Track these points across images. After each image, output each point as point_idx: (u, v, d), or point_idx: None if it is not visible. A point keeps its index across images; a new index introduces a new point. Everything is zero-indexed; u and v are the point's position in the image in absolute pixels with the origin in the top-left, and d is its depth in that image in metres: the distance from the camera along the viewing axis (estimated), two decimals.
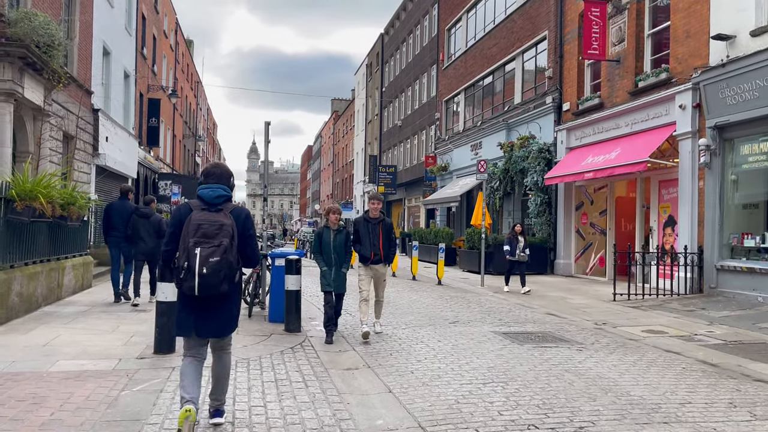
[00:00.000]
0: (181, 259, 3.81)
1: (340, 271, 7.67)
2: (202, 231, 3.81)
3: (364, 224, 7.97)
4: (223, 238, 3.81)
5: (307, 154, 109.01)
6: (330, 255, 7.64)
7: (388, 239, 7.95)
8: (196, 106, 51.43)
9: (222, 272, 3.78)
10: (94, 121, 19.11)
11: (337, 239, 7.69)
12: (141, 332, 7.52)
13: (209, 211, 3.92)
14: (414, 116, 34.16)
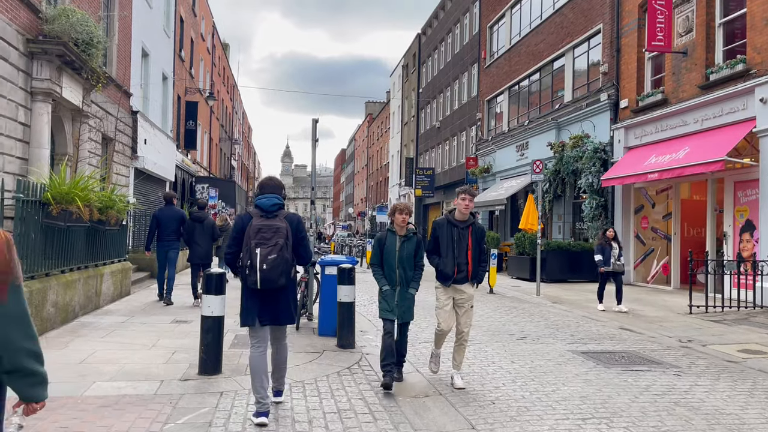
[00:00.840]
0: (245, 259, 4.51)
1: (406, 292, 5.63)
2: (261, 234, 4.47)
3: (447, 229, 5.72)
4: (278, 239, 4.47)
5: (340, 158, 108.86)
6: (393, 269, 5.60)
7: (479, 250, 5.73)
8: (232, 110, 51.47)
9: (279, 267, 4.45)
10: (132, 123, 18.80)
11: (405, 248, 5.63)
12: (183, 347, 6.88)
13: (266, 218, 4.57)
14: (453, 117, 33.27)
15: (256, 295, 4.57)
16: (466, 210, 5.69)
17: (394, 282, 5.65)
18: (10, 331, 1.93)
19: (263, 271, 4.40)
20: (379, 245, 5.75)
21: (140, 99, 20.06)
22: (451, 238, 5.68)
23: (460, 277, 5.67)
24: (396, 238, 5.70)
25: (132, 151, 18.74)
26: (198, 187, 32.79)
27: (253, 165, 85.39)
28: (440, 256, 5.75)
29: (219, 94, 41.65)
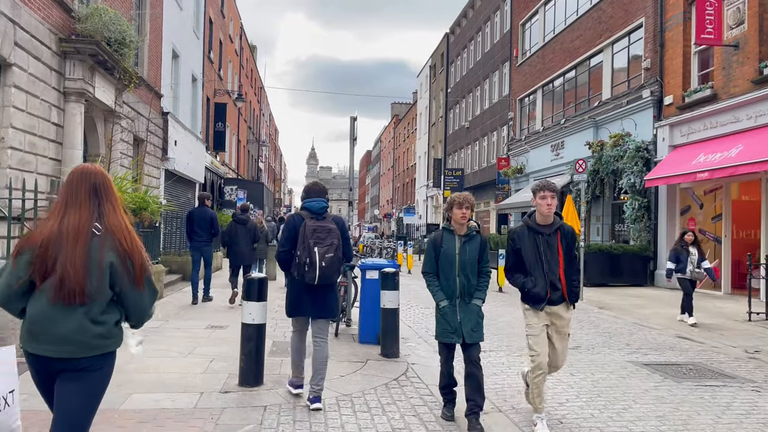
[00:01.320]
0: (302, 257, 4.75)
1: (471, 304, 4.54)
2: (317, 234, 4.80)
3: (530, 238, 4.55)
4: (333, 239, 4.82)
5: (365, 159, 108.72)
6: (452, 278, 4.51)
7: (569, 260, 4.58)
8: (260, 112, 51.57)
9: (335, 265, 4.82)
10: (163, 125, 18.71)
11: (467, 251, 4.53)
12: (220, 356, 6.56)
13: (317, 220, 4.90)
14: (483, 117, 32.69)
15: (306, 289, 4.87)
16: (549, 210, 4.50)
17: (454, 294, 4.53)
18: (146, 307, 2.67)
19: (322, 268, 4.74)
20: (434, 248, 4.65)
21: (170, 100, 19.97)
22: (536, 249, 4.52)
23: (555, 297, 4.49)
24: (454, 238, 4.58)
25: (163, 153, 18.64)
26: (227, 189, 32.79)
27: (279, 167, 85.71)
28: (526, 273, 4.56)
29: (247, 96, 41.70)
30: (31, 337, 2.48)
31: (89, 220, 2.54)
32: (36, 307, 2.47)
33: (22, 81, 9.31)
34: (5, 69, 8.99)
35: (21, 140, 9.37)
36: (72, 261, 2.45)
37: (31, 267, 2.46)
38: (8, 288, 2.47)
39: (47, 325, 2.45)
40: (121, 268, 2.54)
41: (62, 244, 2.47)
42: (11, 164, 9.05)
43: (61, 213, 2.55)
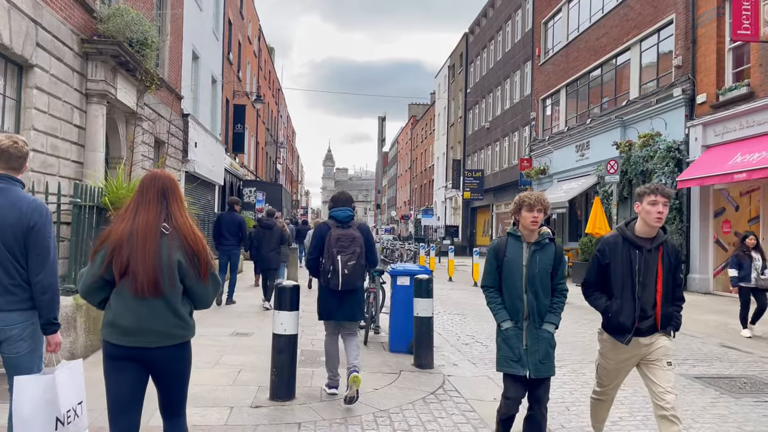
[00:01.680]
0: (327, 264, 5.00)
1: (541, 329, 3.72)
2: (340, 243, 5.02)
3: (624, 251, 3.68)
4: (356, 247, 5.04)
5: (382, 161, 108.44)
6: (519, 295, 3.73)
7: (672, 284, 3.71)
8: (277, 114, 51.56)
9: (357, 272, 5.04)
10: (184, 126, 18.59)
11: (538, 262, 3.72)
12: (248, 366, 6.30)
13: (342, 228, 5.13)
14: (504, 117, 32.24)
15: (334, 294, 5.11)
16: (658, 221, 3.60)
17: (519, 314, 3.74)
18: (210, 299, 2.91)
19: (345, 275, 4.97)
20: (496, 258, 3.84)
21: (190, 102, 19.86)
22: (629, 266, 3.64)
23: (644, 327, 3.63)
24: (522, 246, 3.77)
25: (183, 155, 18.53)
26: (246, 191, 32.70)
27: (296, 168, 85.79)
28: (610, 294, 3.71)
29: (265, 98, 41.65)
30: (118, 330, 2.71)
31: (157, 220, 2.75)
32: (119, 302, 2.71)
33: (44, 82, 9.17)
34: (27, 70, 8.84)
35: (43, 142, 9.22)
36: (143, 258, 2.68)
37: (106, 264, 2.69)
38: (87, 283, 2.75)
39: (131, 317, 2.69)
40: (188, 264, 2.77)
41: (133, 242, 2.69)
42: (33, 167, 8.89)
43: (132, 214, 2.78)
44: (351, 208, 5.30)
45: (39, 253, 3.01)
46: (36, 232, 3.01)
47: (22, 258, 3.00)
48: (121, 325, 2.72)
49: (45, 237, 3.04)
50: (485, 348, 7.95)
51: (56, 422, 3.00)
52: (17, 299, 2.99)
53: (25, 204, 3.02)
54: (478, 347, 8.03)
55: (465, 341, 8.43)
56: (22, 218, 2.98)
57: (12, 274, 2.98)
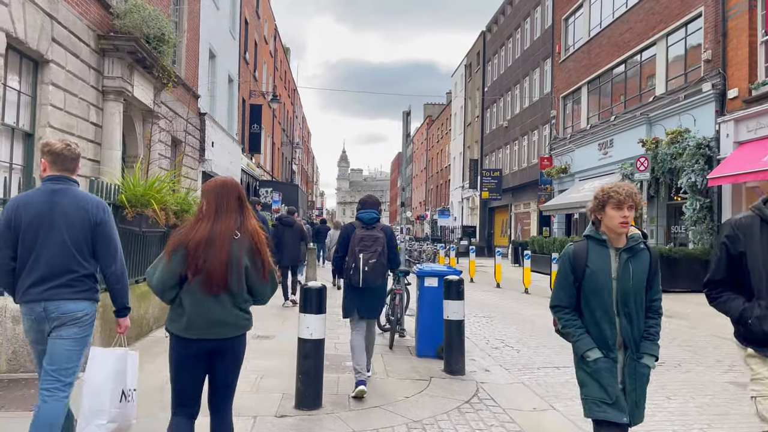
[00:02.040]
0: (350, 262, 5.30)
1: (639, 363, 2.95)
2: (363, 242, 5.31)
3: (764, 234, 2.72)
4: (377, 247, 5.31)
5: (397, 161, 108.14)
6: (609, 316, 2.95)
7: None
8: (293, 114, 51.45)
9: (377, 270, 5.28)
10: (201, 126, 18.41)
11: (632, 274, 2.96)
12: (270, 371, 5.99)
13: (367, 229, 5.42)
14: (523, 115, 31.76)
15: (356, 292, 5.40)
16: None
17: (609, 341, 2.94)
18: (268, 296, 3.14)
19: (365, 272, 5.25)
20: (572, 268, 3.02)
21: (207, 101, 19.68)
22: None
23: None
24: (609, 253, 2.99)
25: (200, 154, 18.35)
26: (262, 191, 32.52)
27: (311, 169, 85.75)
28: (747, 292, 2.76)
29: (281, 98, 41.52)
30: (190, 325, 2.90)
31: (234, 226, 2.95)
32: (192, 299, 2.90)
33: (60, 78, 8.96)
34: (42, 66, 8.64)
35: None
36: (219, 260, 2.89)
37: (184, 263, 2.88)
38: (163, 280, 2.91)
39: (204, 312, 2.90)
40: (252, 266, 3.00)
41: (211, 246, 2.89)
42: None
43: (212, 219, 2.95)
44: (377, 211, 5.62)
45: (108, 247, 3.28)
46: (103, 227, 3.26)
47: (88, 253, 3.24)
48: (193, 320, 2.92)
49: (111, 231, 3.32)
50: (516, 353, 7.58)
51: (122, 394, 3.30)
52: (77, 290, 3.20)
53: (89, 202, 3.26)
54: (508, 352, 7.66)
55: (494, 345, 8.07)
56: (88, 216, 3.21)
57: (75, 269, 3.19)
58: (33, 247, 3.16)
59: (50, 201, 3.18)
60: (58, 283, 3.16)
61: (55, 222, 3.16)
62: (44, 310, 3.14)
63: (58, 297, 3.15)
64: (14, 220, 3.16)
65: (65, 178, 3.25)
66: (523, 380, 6.16)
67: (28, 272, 3.16)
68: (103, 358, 3.34)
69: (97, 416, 3.23)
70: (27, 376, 5.46)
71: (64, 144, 3.29)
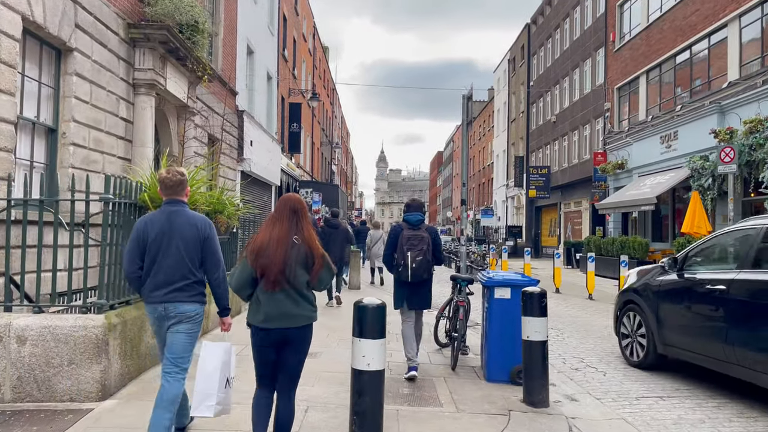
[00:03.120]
0: (399, 259, 5.94)
1: None
2: (411, 242, 5.94)
3: None
4: (423, 246, 5.93)
5: (436, 161, 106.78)
6: None
7: None
8: (332, 114, 50.83)
9: (423, 266, 5.91)
10: (239, 123, 17.72)
11: None
12: (317, 401, 5.04)
13: (413, 230, 6.04)
14: (573, 109, 30.19)
15: (405, 286, 5.98)
16: None
17: None
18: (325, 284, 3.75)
19: (413, 268, 5.82)
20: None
21: (245, 98, 19.00)
22: None
23: None
24: None
25: (238, 153, 17.64)
26: (302, 192, 31.87)
27: (351, 170, 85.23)
28: None
29: (320, 97, 40.86)
30: (265, 317, 3.54)
31: (289, 232, 3.58)
32: (264, 296, 3.55)
33: (85, 69, 8.23)
34: (66, 54, 7.92)
35: (85, 136, 8.29)
36: (275, 261, 3.50)
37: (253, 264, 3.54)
38: (239, 281, 3.59)
39: (275, 306, 3.54)
40: (308, 266, 3.61)
41: (269, 249, 3.53)
42: (74, 163, 7.98)
43: (271, 226, 3.62)
44: (422, 213, 6.21)
45: (213, 258, 3.83)
46: (209, 241, 3.83)
47: (198, 263, 3.80)
48: (265, 313, 3.51)
49: (215, 244, 3.87)
50: (602, 375, 6.43)
51: (226, 381, 3.79)
52: (189, 294, 3.76)
53: (198, 221, 3.85)
54: (592, 374, 6.52)
55: (573, 365, 6.94)
56: (198, 232, 3.80)
57: (188, 276, 3.75)
58: (155, 258, 3.75)
59: (168, 220, 3.78)
60: (175, 287, 3.73)
61: (173, 238, 3.75)
62: (165, 310, 3.74)
63: (175, 300, 3.72)
64: (142, 236, 3.78)
65: (177, 201, 3.87)
66: (624, 415, 5.04)
67: (151, 278, 3.75)
68: (214, 350, 3.81)
69: (207, 399, 3.72)
70: (33, 407, 4.63)
71: (166, 173, 3.88)
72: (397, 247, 5.93)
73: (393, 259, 5.98)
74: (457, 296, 6.64)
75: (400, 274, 5.90)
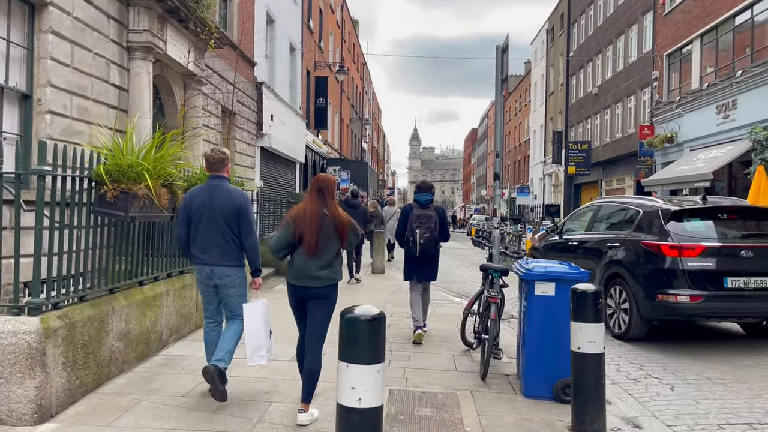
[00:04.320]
0: (409, 235, 6.51)
1: None
2: (420, 220, 6.49)
3: None
4: (431, 224, 6.49)
5: (470, 138, 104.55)
6: None
7: None
8: (362, 89, 49.52)
9: (430, 242, 6.48)
10: (257, 97, 16.70)
11: None
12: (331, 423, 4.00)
13: (422, 209, 6.59)
14: (616, 80, 28.26)
15: (414, 260, 6.66)
16: None
17: None
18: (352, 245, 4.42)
19: (421, 244, 6.45)
20: None
21: (265, 70, 17.94)
22: None
23: None
24: None
25: (258, 128, 16.66)
26: (329, 170, 30.91)
27: (382, 148, 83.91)
28: None
29: (349, 72, 39.58)
30: (297, 276, 4.13)
31: (318, 206, 4.14)
32: (298, 258, 4.13)
33: (64, 26, 7.24)
34: (40, 10, 6.93)
35: (66, 104, 7.33)
36: (310, 231, 4.08)
37: (290, 232, 4.12)
38: (277, 244, 4.15)
39: (305, 268, 4.09)
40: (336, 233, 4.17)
41: (304, 220, 4.11)
42: (52, 133, 7.03)
43: (305, 201, 4.22)
44: (431, 194, 6.73)
45: (247, 226, 4.44)
46: (243, 211, 4.43)
47: (236, 230, 4.40)
48: (299, 272, 4.13)
49: (249, 214, 4.50)
50: (671, 390, 5.20)
51: (269, 333, 4.48)
52: (230, 258, 4.40)
53: (235, 194, 4.47)
54: (658, 388, 5.30)
55: (631, 374, 5.72)
56: (234, 204, 4.39)
57: (228, 241, 4.39)
58: (198, 227, 4.38)
59: (209, 193, 4.40)
60: (216, 252, 4.36)
61: (213, 209, 4.35)
62: (211, 272, 4.40)
63: (217, 263, 4.37)
64: (188, 206, 4.42)
65: (218, 176, 4.49)
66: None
67: (197, 244, 4.40)
68: (257, 309, 4.41)
69: (258, 350, 4.37)
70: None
71: (210, 151, 4.63)
72: (407, 224, 6.51)
73: (404, 235, 6.57)
74: (489, 290, 5.48)
75: (410, 249, 6.50)
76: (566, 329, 4.28)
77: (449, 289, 11.13)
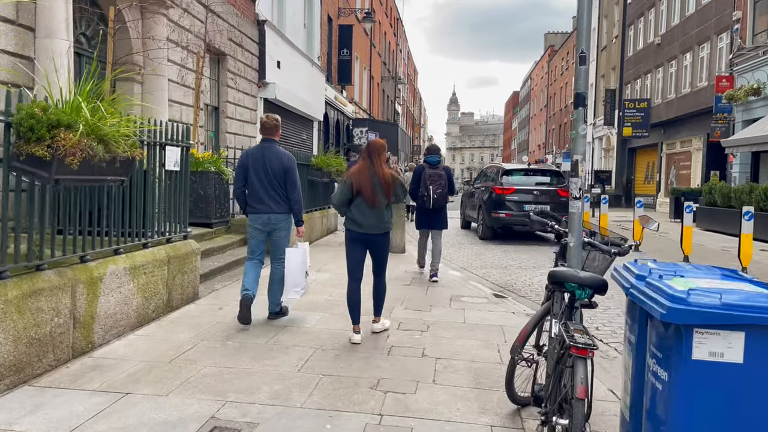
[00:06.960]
0: (423, 192, 7.61)
1: None
2: (432, 178, 7.60)
3: None
4: (441, 181, 7.63)
5: (512, 101, 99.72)
6: None
7: None
8: (396, 47, 46.17)
9: (442, 197, 7.65)
10: (259, 38, 14.00)
11: None
12: None
13: (433, 169, 7.69)
14: (685, 26, 24.44)
15: (426, 213, 7.77)
16: None
17: None
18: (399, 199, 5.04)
19: (434, 199, 7.58)
20: None
21: (271, 7, 15.19)
22: None
23: None
24: None
25: (259, 75, 14.00)
26: (356, 131, 28.17)
27: (419, 111, 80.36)
28: None
29: (381, 27, 36.33)
30: (357, 225, 4.86)
31: (369, 167, 4.87)
32: (357, 210, 4.86)
33: None
34: None
35: None
36: (366, 186, 4.81)
37: (350, 188, 4.85)
38: (340, 200, 4.90)
39: (364, 218, 4.85)
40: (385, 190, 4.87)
41: (360, 178, 4.83)
42: None
43: (360, 162, 4.94)
44: (439, 156, 7.96)
45: (292, 183, 5.34)
46: (289, 171, 5.33)
47: (283, 186, 5.32)
48: (358, 222, 4.87)
49: (294, 173, 5.36)
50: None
51: (305, 273, 5.37)
52: (281, 207, 5.34)
53: (284, 155, 5.34)
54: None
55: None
56: (282, 164, 5.29)
57: (280, 193, 5.31)
58: (254, 182, 5.28)
59: (262, 154, 5.29)
60: (270, 203, 5.30)
61: (265, 167, 5.26)
62: (268, 219, 5.31)
63: (271, 211, 5.31)
64: (244, 164, 5.32)
65: (270, 139, 5.38)
66: None
67: (253, 196, 5.31)
68: (296, 252, 5.32)
69: (295, 286, 5.33)
70: None
71: (265, 117, 5.46)
72: (420, 182, 7.62)
73: (418, 191, 7.65)
74: (562, 327, 2.71)
75: (425, 203, 7.64)
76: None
77: (486, 278, 8.27)
